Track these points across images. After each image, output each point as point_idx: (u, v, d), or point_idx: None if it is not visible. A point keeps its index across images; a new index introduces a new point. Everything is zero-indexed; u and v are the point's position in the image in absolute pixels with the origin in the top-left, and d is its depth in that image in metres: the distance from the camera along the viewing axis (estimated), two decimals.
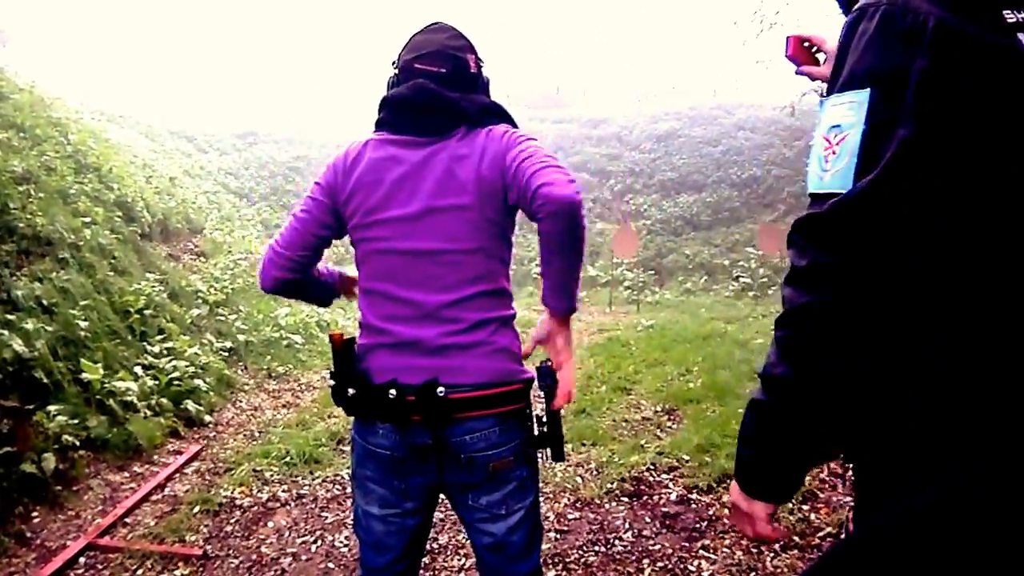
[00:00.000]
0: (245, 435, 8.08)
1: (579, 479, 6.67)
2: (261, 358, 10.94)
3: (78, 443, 6.41)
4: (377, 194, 2.53)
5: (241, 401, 9.38)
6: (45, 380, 6.56)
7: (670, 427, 8.23)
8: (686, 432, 7.73)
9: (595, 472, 6.83)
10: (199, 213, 15.71)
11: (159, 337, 9.21)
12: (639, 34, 62.85)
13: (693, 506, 5.98)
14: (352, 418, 2.77)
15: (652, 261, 23.12)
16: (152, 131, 22.49)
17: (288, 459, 7.01)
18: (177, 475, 6.81)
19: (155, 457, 7.13)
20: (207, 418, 8.37)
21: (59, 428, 6.26)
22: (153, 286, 9.99)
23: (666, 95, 35.74)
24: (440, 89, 2.54)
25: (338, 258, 18.29)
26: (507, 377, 2.58)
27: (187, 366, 8.79)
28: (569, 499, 6.23)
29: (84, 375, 7.04)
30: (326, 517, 5.97)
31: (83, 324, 7.68)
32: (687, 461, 6.88)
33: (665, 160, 27.86)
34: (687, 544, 5.23)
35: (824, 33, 2.37)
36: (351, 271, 3.10)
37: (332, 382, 2.65)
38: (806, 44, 2.38)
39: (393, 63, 2.78)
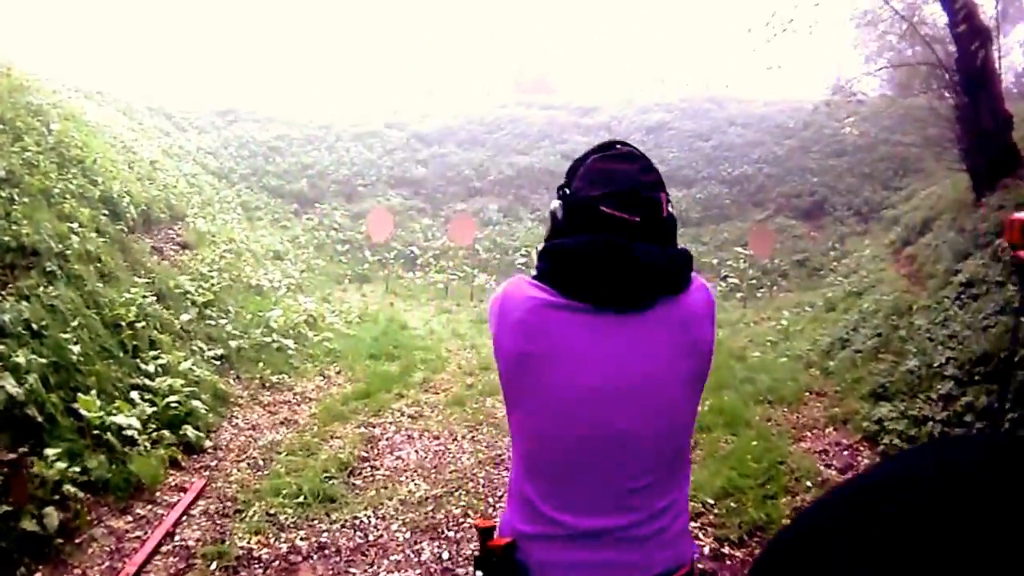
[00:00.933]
0: (248, 463, 7.78)
1: None
2: (254, 365, 10.60)
3: (79, 491, 6.03)
4: (560, 369, 2.11)
5: (237, 418, 9.07)
6: (39, 418, 6.22)
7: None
8: (705, 470, 7.75)
9: None
10: (180, 199, 15.35)
11: (152, 353, 8.82)
12: (631, 21, 62.57)
13: (728, 562, 6.00)
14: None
15: None
16: (131, 109, 21.86)
17: (301, 498, 6.80)
18: (184, 518, 6.45)
19: (157, 495, 6.75)
20: (206, 443, 8.08)
21: (59, 475, 5.91)
22: (142, 293, 9.63)
23: (657, 86, 35.64)
24: (639, 251, 2.08)
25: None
26: (682, 561, 2.30)
27: (182, 384, 8.47)
28: None
29: (79, 407, 6.70)
30: (354, 573, 5.79)
31: (75, 348, 7.33)
32: (712, 507, 6.90)
33: (655, 153, 25.54)
34: None
35: None
36: None
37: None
38: None
39: (563, 191, 2.33)
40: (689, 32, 57.83)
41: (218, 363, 10.11)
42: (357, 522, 6.52)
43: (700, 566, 5.74)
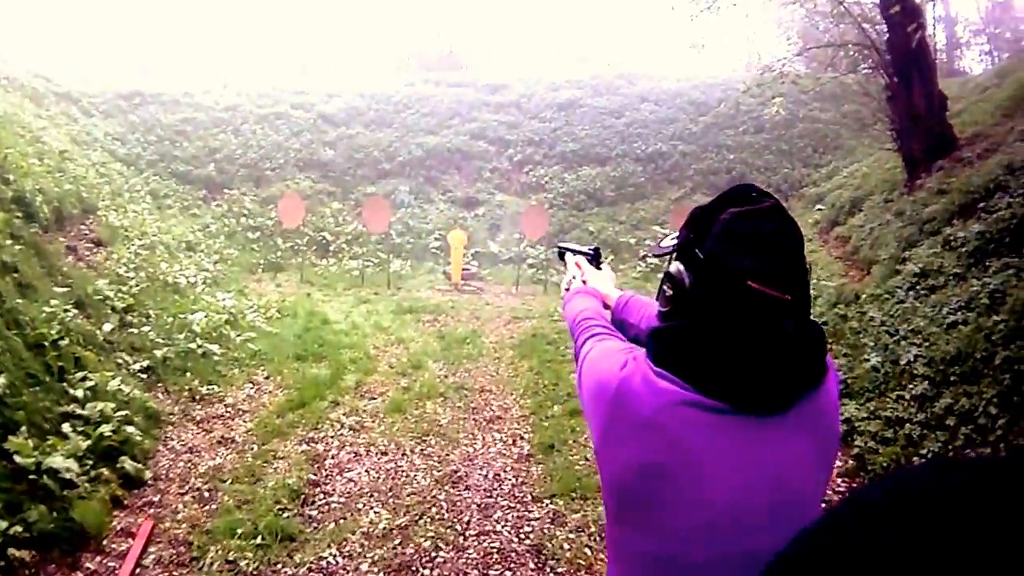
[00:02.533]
0: (193, 496, 7.34)
1: (588, 551, 6.55)
2: (181, 376, 10.12)
3: (24, 553, 5.56)
4: (696, 485, 1.79)
5: (172, 439, 8.60)
6: None
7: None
8: None
9: (599, 539, 6.67)
10: (91, 191, 14.80)
11: (78, 374, 8.28)
12: None
13: None
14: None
15: (555, 237, 21.56)
16: (37, 94, 21.07)
17: (259, 539, 6.44)
18: (138, 570, 6.04)
19: (105, 544, 6.26)
20: (146, 474, 7.59)
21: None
22: (63, 305, 9.14)
23: (567, 62, 35.66)
24: (790, 340, 1.80)
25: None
26: None
27: (113, 408, 7.96)
28: None
29: (11, 449, 6.24)
30: None
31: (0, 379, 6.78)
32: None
33: (567, 130, 27.18)
34: None
35: None
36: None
37: None
38: None
39: (693, 251, 1.93)
40: (601, 8, 57.62)
41: (145, 376, 9.65)
42: (323, 564, 6.22)
43: None
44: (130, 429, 7.87)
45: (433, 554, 6.45)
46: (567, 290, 3.04)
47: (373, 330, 14.07)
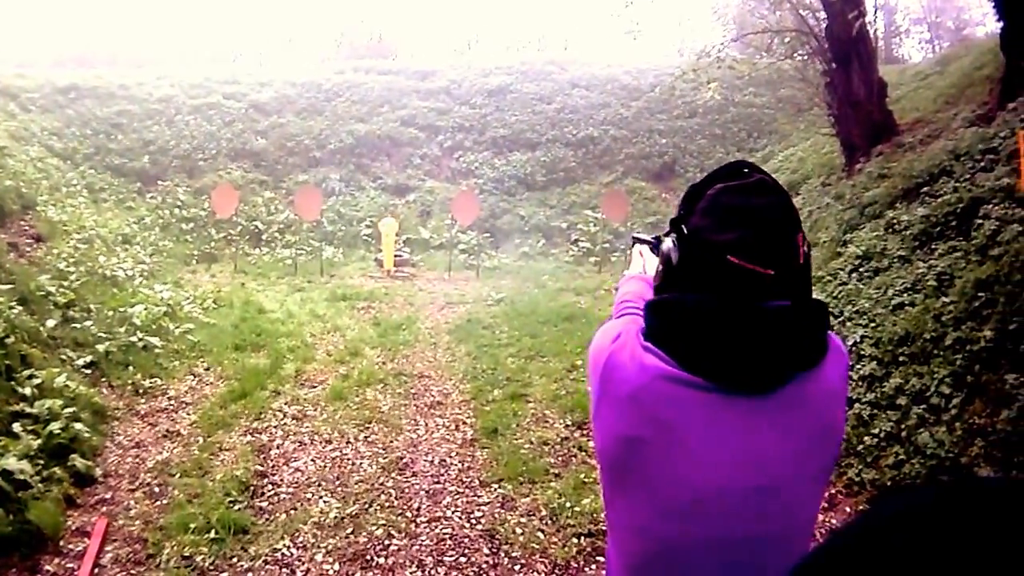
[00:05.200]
0: (144, 491, 7.30)
1: (540, 534, 6.55)
2: (124, 370, 10.05)
3: None
4: (678, 462, 1.81)
5: (119, 434, 8.55)
6: None
7: (594, 450, 8.01)
8: None
9: (551, 522, 6.74)
10: (30, 186, 14.86)
11: (25, 372, 8.30)
12: None
13: None
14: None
15: (486, 223, 22.72)
16: None
17: (213, 532, 6.40)
18: (97, 570, 6.00)
19: (62, 544, 6.28)
20: (96, 471, 7.55)
21: None
22: (8, 302, 9.25)
23: (497, 48, 35.71)
24: (773, 316, 1.76)
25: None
26: None
27: (61, 405, 7.96)
28: (546, 565, 6.13)
29: None
30: None
31: None
32: None
33: (497, 116, 27.37)
34: None
35: None
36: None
37: None
38: None
39: (680, 227, 1.95)
40: None
41: (89, 372, 9.62)
42: (279, 556, 6.23)
43: None
44: (78, 426, 7.85)
45: (386, 542, 6.49)
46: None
47: (309, 318, 14.14)
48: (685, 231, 1.91)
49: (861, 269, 9.84)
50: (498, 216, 23.35)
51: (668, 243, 1.96)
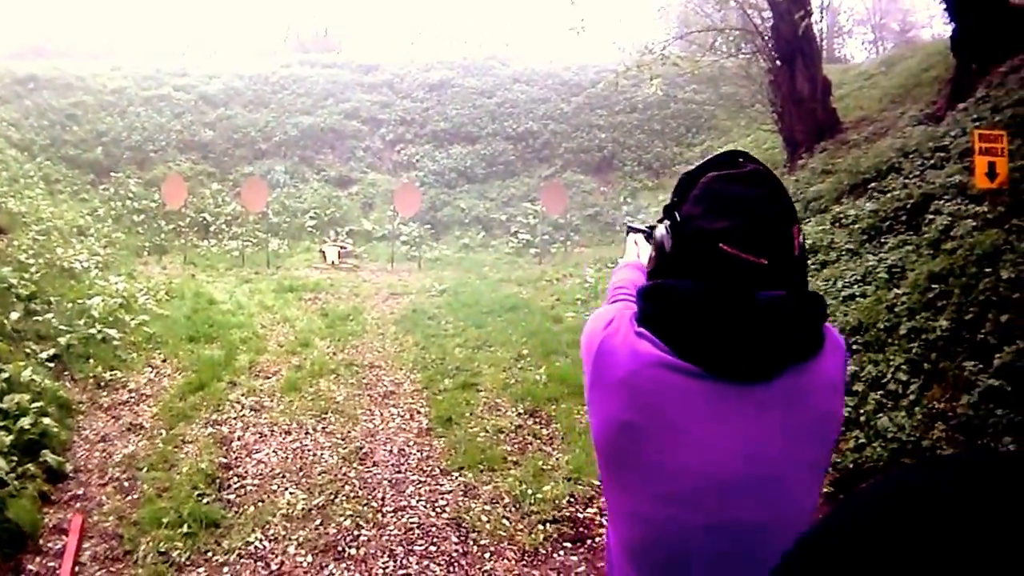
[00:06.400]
0: (114, 486, 7.49)
1: (506, 521, 6.67)
2: (85, 363, 10.26)
3: None
4: (672, 450, 1.84)
5: (85, 428, 8.77)
6: None
7: (548, 437, 8.52)
8: (574, 448, 7.92)
9: (515, 509, 6.85)
10: None
11: None
12: None
13: None
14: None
15: (427, 215, 22.98)
16: None
17: (185, 527, 6.57)
18: (78, 568, 6.01)
19: (41, 542, 6.50)
20: (67, 466, 7.78)
21: None
22: None
23: (440, 43, 35.81)
24: (766, 306, 1.77)
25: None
26: None
27: (29, 400, 8.24)
28: (515, 552, 6.20)
29: None
30: None
31: None
32: (601, 488, 6.91)
33: (438, 110, 27.69)
34: None
35: None
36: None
37: None
38: None
39: (673, 215, 1.97)
40: None
41: (52, 365, 9.87)
42: (252, 549, 6.35)
43: None
44: (47, 421, 8.02)
45: (356, 532, 6.60)
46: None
47: (258, 309, 14.28)
48: (678, 218, 1.94)
49: (809, 262, 10.15)
50: (439, 208, 23.71)
51: (661, 230, 2.00)
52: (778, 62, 15.31)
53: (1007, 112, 9.93)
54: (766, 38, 15.61)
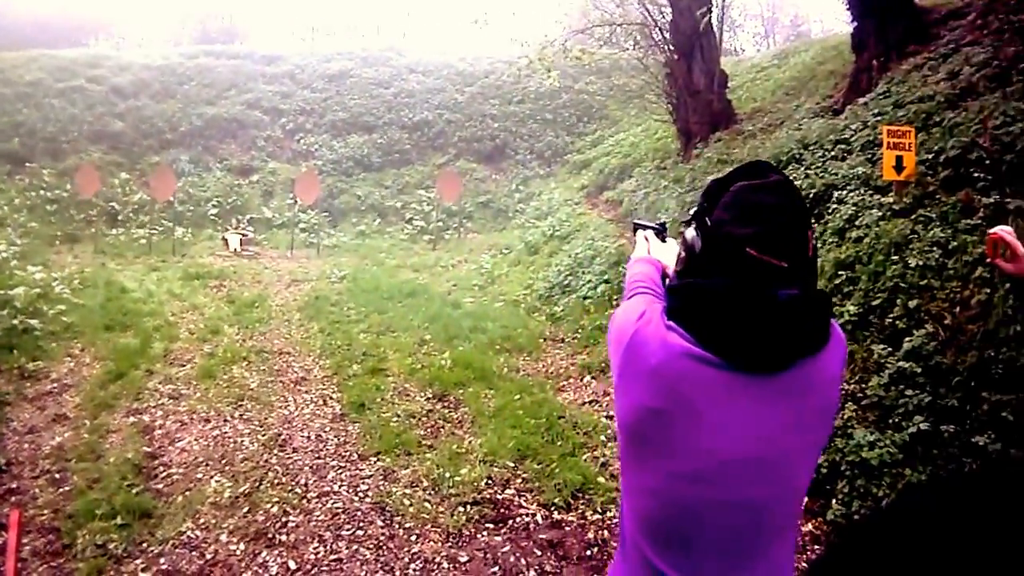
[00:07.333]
0: (46, 479, 7.39)
1: (428, 504, 6.80)
2: (9, 354, 10.32)
3: None
4: (693, 433, 2.00)
5: (13, 420, 8.70)
6: None
7: (459, 421, 8.78)
8: (485, 431, 8.21)
9: (435, 492, 7.01)
10: None
11: None
12: None
13: (567, 528, 6.31)
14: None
15: (325, 202, 23.52)
16: None
17: (118, 518, 6.50)
18: (20, 565, 5.86)
19: None
20: (0, 460, 7.68)
21: None
22: None
23: (338, 33, 36.38)
24: (784, 304, 1.93)
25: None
26: None
27: None
28: (439, 534, 6.32)
29: None
30: None
31: None
32: (517, 470, 7.33)
33: (337, 100, 28.54)
34: None
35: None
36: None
37: None
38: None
39: (703, 220, 2.13)
40: None
41: None
42: (185, 538, 6.32)
43: (543, 536, 6.16)
44: None
45: (284, 519, 6.61)
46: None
47: (168, 297, 14.40)
48: (708, 223, 2.07)
49: None
50: (336, 196, 24.33)
51: (691, 233, 2.14)
52: (675, 55, 15.84)
53: (911, 108, 10.04)
54: (665, 32, 16.14)
